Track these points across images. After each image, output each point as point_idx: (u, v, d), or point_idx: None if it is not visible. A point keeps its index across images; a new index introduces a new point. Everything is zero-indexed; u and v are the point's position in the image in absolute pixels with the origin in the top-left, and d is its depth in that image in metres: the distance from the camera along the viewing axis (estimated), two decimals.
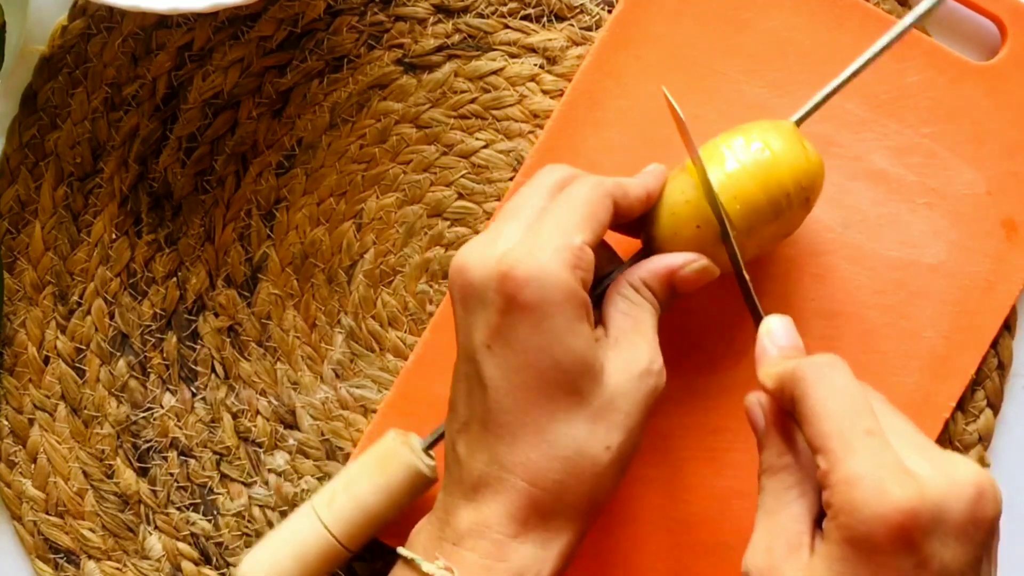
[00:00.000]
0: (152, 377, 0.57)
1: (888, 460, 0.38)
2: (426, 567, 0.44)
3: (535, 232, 0.44)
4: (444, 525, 0.45)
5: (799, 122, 0.49)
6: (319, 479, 0.56)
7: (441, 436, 0.50)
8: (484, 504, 0.44)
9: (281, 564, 0.49)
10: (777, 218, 0.47)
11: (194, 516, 0.56)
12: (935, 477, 0.38)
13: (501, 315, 0.43)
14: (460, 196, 0.56)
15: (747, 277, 0.47)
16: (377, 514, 0.50)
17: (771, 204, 0.47)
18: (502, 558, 0.43)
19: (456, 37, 0.57)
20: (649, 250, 0.48)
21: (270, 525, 0.55)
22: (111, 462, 0.56)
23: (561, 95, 0.56)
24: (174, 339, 0.57)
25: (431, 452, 0.51)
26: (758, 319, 0.46)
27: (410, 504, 0.51)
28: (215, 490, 0.56)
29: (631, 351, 0.45)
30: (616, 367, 0.44)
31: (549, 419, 0.43)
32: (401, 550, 0.45)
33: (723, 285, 0.49)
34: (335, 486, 0.50)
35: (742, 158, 0.47)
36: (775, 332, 0.45)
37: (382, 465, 0.50)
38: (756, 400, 0.45)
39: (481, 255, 0.44)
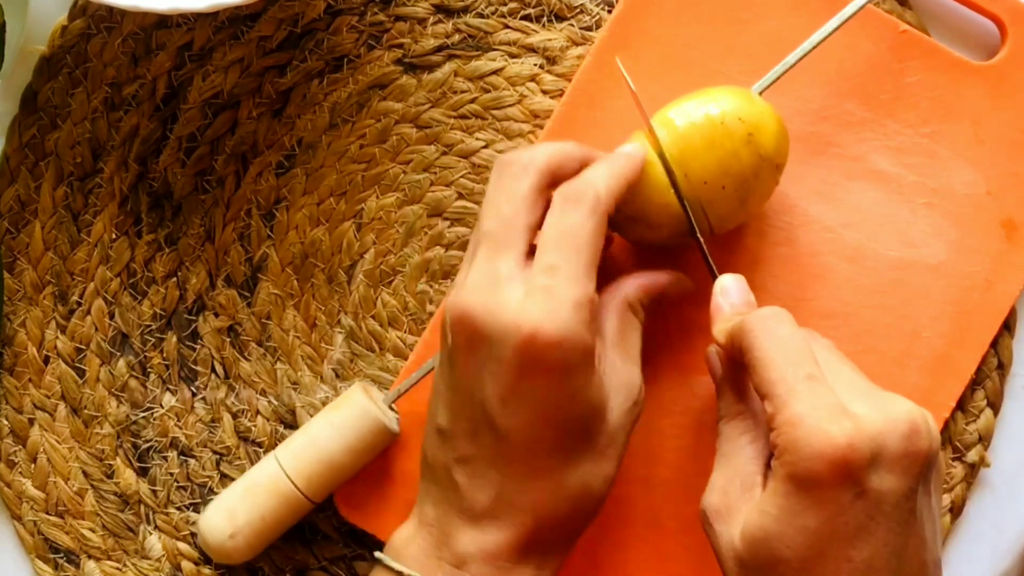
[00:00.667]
0: (152, 377, 0.57)
1: (827, 402, 0.41)
2: None
3: (547, 286, 0.43)
4: (442, 544, 0.45)
5: (761, 92, 0.51)
6: None
7: (402, 393, 0.52)
8: (488, 532, 0.44)
9: (234, 501, 0.51)
10: (712, 147, 0.48)
11: (194, 516, 0.56)
12: (871, 415, 0.41)
13: (521, 376, 0.43)
14: (460, 196, 0.56)
15: (698, 231, 0.48)
16: (329, 453, 0.51)
17: (704, 128, 0.48)
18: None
19: (456, 37, 0.57)
20: None
21: None
22: (111, 462, 0.56)
23: (561, 95, 0.56)
24: (174, 339, 0.57)
25: (393, 407, 0.53)
26: (714, 278, 0.48)
27: (369, 456, 0.52)
28: (215, 490, 0.56)
29: (624, 380, 0.46)
30: (615, 403, 0.45)
31: (563, 464, 0.44)
32: (391, 562, 0.45)
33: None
34: (296, 431, 0.53)
35: (688, 106, 0.49)
36: (728, 289, 0.47)
37: (339, 406, 0.52)
38: (714, 352, 0.48)
39: (486, 304, 0.43)
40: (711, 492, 0.45)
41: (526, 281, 0.44)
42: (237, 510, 0.51)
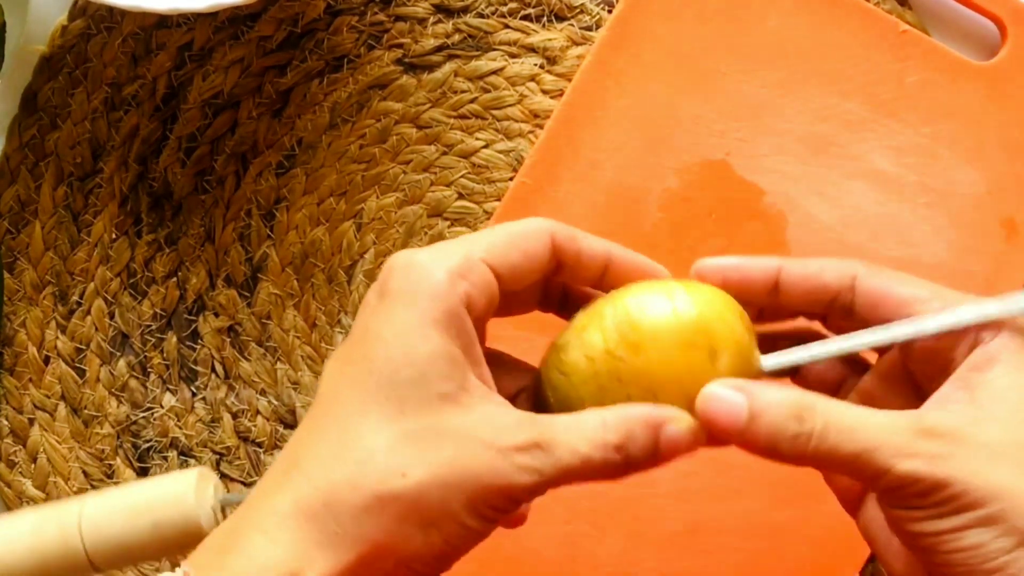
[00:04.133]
0: (152, 377, 0.57)
1: None
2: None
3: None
4: None
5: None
6: None
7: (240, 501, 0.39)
8: (258, 501, 0.36)
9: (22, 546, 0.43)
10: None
11: None
12: None
13: (366, 311, 0.37)
14: (460, 196, 0.56)
15: None
16: (138, 535, 0.42)
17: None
18: (234, 551, 0.35)
19: (456, 37, 0.57)
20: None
21: None
22: (111, 462, 0.56)
23: (561, 95, 0.56)
24: (174, 339, 0.57)
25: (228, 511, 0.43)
26: None
27: (178, 550, 0.43)
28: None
29: (512, 417, 0.35)
30: (476, 414, 0.35)
31: (358, 418, 0.35)
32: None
33: None
34: (113, 491, 0.44)
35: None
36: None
37: (164, 486, 0.43)
38: None
39: None
40: None
41: None
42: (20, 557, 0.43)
